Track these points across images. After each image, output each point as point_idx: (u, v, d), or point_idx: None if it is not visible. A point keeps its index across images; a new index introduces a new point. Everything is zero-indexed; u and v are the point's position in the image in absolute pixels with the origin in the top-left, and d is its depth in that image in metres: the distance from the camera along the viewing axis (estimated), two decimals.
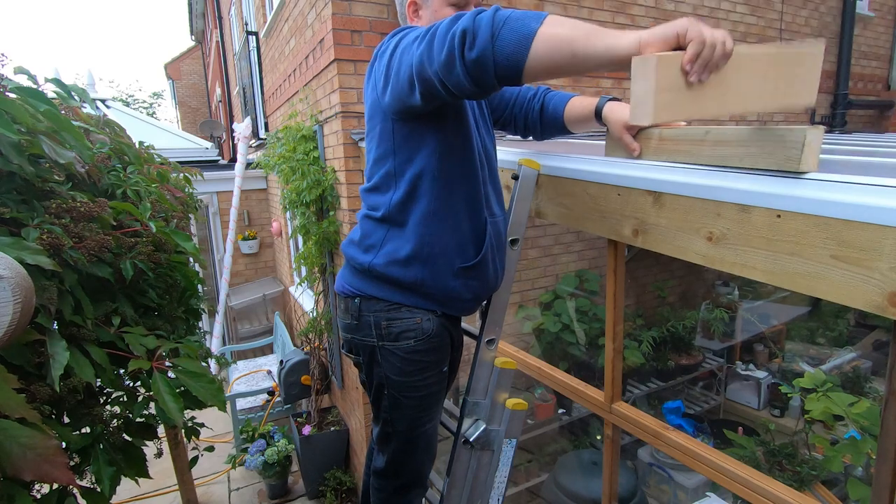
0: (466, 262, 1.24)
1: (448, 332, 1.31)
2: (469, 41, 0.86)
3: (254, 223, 5.70)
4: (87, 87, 6.21)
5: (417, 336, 1.23)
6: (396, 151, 1.19)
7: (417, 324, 1.23)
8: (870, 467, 2.06)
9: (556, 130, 1.42)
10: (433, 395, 1.31)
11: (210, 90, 15.57)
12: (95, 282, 1.04)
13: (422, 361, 1.26)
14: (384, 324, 1.24)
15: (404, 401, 1.27)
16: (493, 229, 1.28)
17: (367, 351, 1.28)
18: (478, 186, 1.24)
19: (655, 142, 1.16)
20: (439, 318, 1.27)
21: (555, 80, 2.09)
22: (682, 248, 1.14)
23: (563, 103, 1.36)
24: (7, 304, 0.70)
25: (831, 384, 2.21)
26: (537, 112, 1.41)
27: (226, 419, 4.07)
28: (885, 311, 0.82)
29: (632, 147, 1.19)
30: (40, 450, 0.71)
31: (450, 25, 0.89)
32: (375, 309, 1.24)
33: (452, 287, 1.24)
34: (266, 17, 4.24)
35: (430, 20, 1.22)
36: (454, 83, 0.91)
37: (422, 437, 1.33)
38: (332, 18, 2.36)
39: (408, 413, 1.29)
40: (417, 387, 1.27)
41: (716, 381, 3.50)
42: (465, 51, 0.87)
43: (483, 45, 0.85)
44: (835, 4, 4.55)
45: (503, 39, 0.84)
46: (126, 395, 1.13)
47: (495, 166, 1.36)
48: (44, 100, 1.01)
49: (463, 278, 1.25)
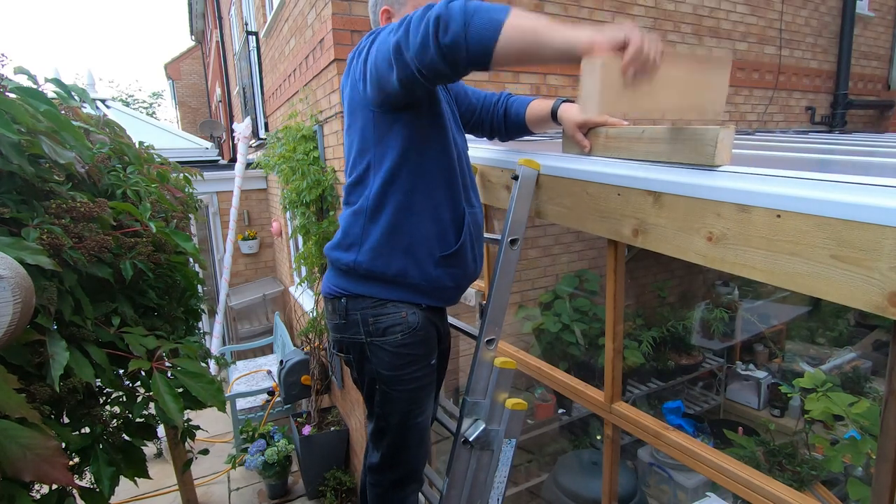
0: (446, 251, 1.29)
1: (434, 325, 1.36)
2: (443, 27, 0.92)
3: (254, 223, 5.69)
4: (87, 87, 6.21)
5: (404, 330, 1.28)
6: (376, 144, 1.23)
7: (403, 318, 1.28)
8: (870, 467, 2.06)
9: (519, 131, 1.54)
10: (423, 388, 1.35)
11: (210, 90, 15.57)
12: (95, 282, 1.04)
13: (410, 355, 1.30)
14: (371, 320, 1.28)
15: (395, 395, 1.31)
16: (471, 219, 1.33)
17: (357, 348, 1.32)
18: (456, 177, 1.29)
19: (602, 139, 1.32)
20: (424, 312, 1.31)
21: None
22: (682, 248, 1.14)
23: (525, 106, 1.48)
24: (7, 304, 0.70)
25: (831, 384, 2.21)
26: (501, 115, 1.52)
27: (226, 419, 4.07)
28: (885, 311, 0.82)
29: (583, 144, 1.34)
30: (40, 450, 0.71)
31: (423, 13, 0.96)
32: (362, 306, 1.29)
33: (435, 276, 1.29)
34: (266, 17, 4.24)
35: None
36: (428, 66, 0.98)
37: (414, 430, 1.37)
38: (331, 18, 2.36)
39: (399, 407, 1.32)
40: (407, 380, 1.31)
41: (716, 381, 3.50)
42: (440, 35, 0.93)
43: (456, 32, 0.92)
44: (835, 4, 4.55)
45: (475, 27, 0.91)
46: (126, 396, 1.13)
47: (468, 163, 1.44)
48: (44, 100, 1.01)
49: (444, 266, 1.30)
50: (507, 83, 2.88)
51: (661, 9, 3.42)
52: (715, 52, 1.02)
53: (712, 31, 3.73)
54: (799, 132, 4.41)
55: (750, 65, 4.04)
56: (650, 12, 3.37)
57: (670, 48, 1.07)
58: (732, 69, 3.92)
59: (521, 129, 1.52)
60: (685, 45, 3.60)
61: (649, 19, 3.37)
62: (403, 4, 1.27)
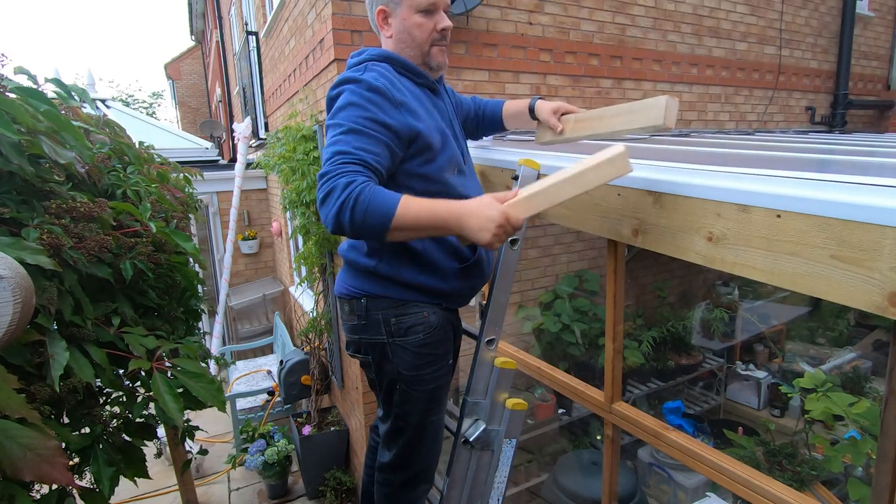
0: (466, 262, 1.33)
1: (451, 324, 1.39)
2: (343, 225, 1.07)
3: (254, 223, 5.69)
4: (87, 87, 6.21)
5: (426, 329, 1.29)
6: None
7: (424, 318, 1.29)
8: (870, 467, 2.06)
9: (493, 129, 1.68)
10: (441, 387, 1.37)
11: (210, 90, 15.56)
12: (95, 282, 1.04)
13: (431, 354, 1.32)
14: (393, 320, 1.29)
15: (415, 394, 1.32)
16: None
17: (378, 349, 1.32)
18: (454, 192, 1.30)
19: (572, 123, 1.48)
20: (443, 312, 1.34)
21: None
22: (682, 248, 1.14)
23: (500, 106, 1.64)
24: (7, 304, 0.70)
25: (831, 384, 2.21)
26: (481, 118, 1.65)
27: (226, 419, 4.07)
28: (885, 311, 0.82)
29: (556, 127, 1.48)
30: (40, 450, 0.71)
31: (326, 204, 1.08)
32: (383, 307, 1.29)
33: (456, 287, 1.33)
34: (266, 18, 4.24)
35: (399, 29, 1.29)
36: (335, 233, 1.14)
37: (430, 429, 1.38)
38: (332, 18, 2.36)
39: (419, 406, 1.33)
40: (427, 379, 1.32)
41: (716, 381, 3.50)
42: (342, 226, 1.07)
43: (353, 230, 1.08)
44: (835, 4, 4.54)
45: (368, 225, 1.06)
46: (126, 396, 1.13)
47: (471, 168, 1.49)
48: (44, 100, 1.01)
49: (464, 279, 1.34)
50: (507, 83, 2.88)
51: (661, 9, 3.42)
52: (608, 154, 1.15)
53: (712, 31, 3.73)
54: (799, 132, 4.41)
55: (750, 65, 4.04)
56: (650, 12, 3.37)
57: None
58: (733, 69, 3.92)
59: (497, 126, 1.66)
60: (685, 44, 3.60)
61: (649, 19, 3.37)
62: (399, 4, 1.27)
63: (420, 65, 1.32)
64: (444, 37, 1.31)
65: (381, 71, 1.22)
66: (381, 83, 1.18)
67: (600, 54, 3.21)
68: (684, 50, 3.61)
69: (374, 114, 1.15)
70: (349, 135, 1.13)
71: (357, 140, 1.12)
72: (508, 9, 2.81)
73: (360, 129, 1.13)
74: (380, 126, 1.15)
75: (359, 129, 1.13)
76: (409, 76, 1.30)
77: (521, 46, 2.89)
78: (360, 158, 1.10)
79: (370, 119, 1.15)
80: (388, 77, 1.22)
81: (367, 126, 1.14)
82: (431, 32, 1.29)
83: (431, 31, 1.29)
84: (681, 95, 3.69)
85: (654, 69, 3.48)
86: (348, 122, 1.14)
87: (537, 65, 2.97)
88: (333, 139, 1.15)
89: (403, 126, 1.19)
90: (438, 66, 1.34)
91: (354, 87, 1.18)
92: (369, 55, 1.28)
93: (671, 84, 3.59)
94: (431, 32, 1.29)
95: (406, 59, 1.30)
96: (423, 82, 1.33)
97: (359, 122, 1.14)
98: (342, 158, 1.09)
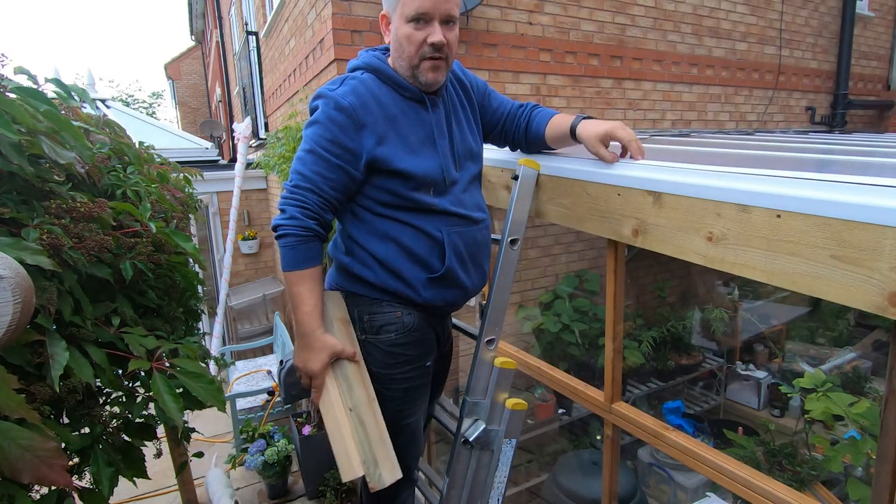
0: (433, 274, 1.28)
1: (431, 327, 1.35)
2: (275, 239, 1.22)
3: (254, 223, 5.69)
4: (87, 87, 6.21)
5: (398, 329, 1.28)
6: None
7: (398, 317, 1.28)
8: (870, 467, 2.06)
9: (539, 147, 1.51)
10: (416, 388, 1.36)
11: (210, 90, 15.56)
12: (95, 282, 1.04)
13: (403, 355, 1.30)
14: (366, 318, 1.29)
15: (387, 393, 1.31)
16: (459, 239, 1.30)
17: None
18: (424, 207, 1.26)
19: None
20: (420, 313, 1.31)
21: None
22: (682, 248, 1.14)
23: (545, 122, 1.44)
24: (7, 304, 0.70)
25: (831, 384, 2.21)
26: (522, 130, 1.48)
27: (226, 419, 4.07)
28: (885, 311, 0.82)
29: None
30: (39, 451, 0.71)
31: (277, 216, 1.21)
32: (358, 304, 1.30)
33: (426, 297, 1.29)
34: (266, 17, 4.24)
35: (393, 38, 1.26)
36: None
37: (406, 431, 1.37)
38: (332, 18, 2.36)
39: (391, 406, 1.31)
40: (399, 379, 1.31)
41: (716, 381, 3.50)
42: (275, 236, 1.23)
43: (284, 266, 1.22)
44: (835, 4, 4.55)
45: (281, 256, 1.22)
46: (125, 396, 1.13)
47: (477, 169, 1.41)
48: (44, 100, 1.01)
49: (435, 288, 1.29)
50: (507, 84, 2.88)
51: (661, 9, 3.42)
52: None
53: (712, 31, 3.74)
54: (799, 132, 4.41)
55: (750, 65, 4.04)
56: (650, 12, 3.37)
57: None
58: (732, 69, 3.92)
59: (542, 145, 1.49)
60: (685, 44, 3.60)
61: (649, 19, 3.37)
62: (394, 11, 1.24)
63: (408, 78, 1.25)
64: (439, 51, 1.19)
65: (355, 85, 1.21)
66: (348, 102, 1.18)
67: (600, 54, 3.21)
68: (684, 50, 3.61)
69: (334, 135, 1.19)
70: (310, 155, 1.20)
71: (315, 164, 1.19)
72: (508, 9, 2.82)
73: (319, 153, 1.19)
74: (339, 149, 1.19)
75: (319, 151, 1.19)
76: (395, 88, 1.25)
77: (521, 46, 2.89)
78: (315, 186, 1.19)
79: (331, 141, 1.19)
80: (363, 92, 1.21)
81: (326, 149, 1.19)
82: (421, 45, 1.18)
83: (420, 43, 1.18)
84: (681, 95, 3.69)
85: (653, 69, 3.48)
86: (311, 142, 1.21)
87: (537, 65, 2.97)
88: (300, 153, 1.23)
89: (362, 149, 1.20)
90: (427, 83, 1.23)
91: (323, 103, 1.22)
92: (361, 62, 1.29)
93: (671, 84, 3.59)
94: (421, 45, 1.18)
95: (392, 72, 1.25)
96: (410, 95, 1.26)
97: (321, 143, 1.19)
98: (301, 183, 1.19)
